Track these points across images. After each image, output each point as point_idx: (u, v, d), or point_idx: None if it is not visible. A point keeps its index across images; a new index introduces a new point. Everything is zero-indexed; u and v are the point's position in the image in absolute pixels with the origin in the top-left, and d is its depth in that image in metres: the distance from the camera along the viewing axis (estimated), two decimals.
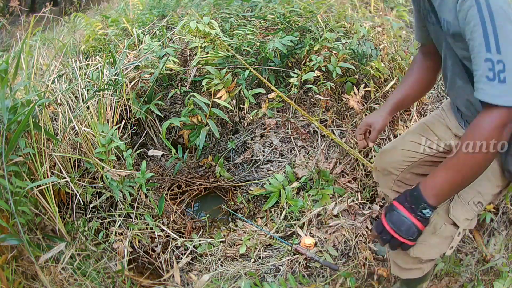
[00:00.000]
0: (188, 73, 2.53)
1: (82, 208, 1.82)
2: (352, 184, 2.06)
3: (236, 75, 2.38)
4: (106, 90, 2.06)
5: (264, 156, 2.28)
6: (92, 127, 1.79)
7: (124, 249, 1.69)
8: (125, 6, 3.66)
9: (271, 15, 2.59)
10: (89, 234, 1.71)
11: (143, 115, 2.27)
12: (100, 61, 2.46)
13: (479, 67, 0.86)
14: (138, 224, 1.82)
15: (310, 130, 2.31)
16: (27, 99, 1.60)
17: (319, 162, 2.13)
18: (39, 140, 1.62)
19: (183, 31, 2.68)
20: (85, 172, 1.86)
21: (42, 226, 1.65)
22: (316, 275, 1.64)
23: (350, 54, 2.27)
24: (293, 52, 2.44)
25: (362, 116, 2.29)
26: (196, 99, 2.14)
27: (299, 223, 1.85)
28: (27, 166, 1.59)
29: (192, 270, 1.73)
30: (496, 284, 1.40)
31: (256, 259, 1.74)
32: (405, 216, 0.95)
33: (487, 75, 0.84)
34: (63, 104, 1.94)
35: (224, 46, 2.38)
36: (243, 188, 2.25)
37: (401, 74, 2.41)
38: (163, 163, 2.37)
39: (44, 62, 2.49)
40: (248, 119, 2.28)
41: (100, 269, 1.59)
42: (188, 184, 2.31)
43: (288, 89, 2.34)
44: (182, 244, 1.82)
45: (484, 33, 0.83)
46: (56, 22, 4.16)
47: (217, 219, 2.19)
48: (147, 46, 2.51)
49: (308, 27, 2.46)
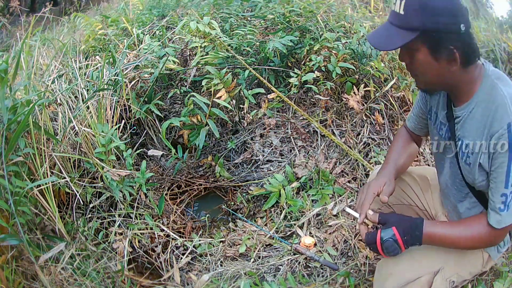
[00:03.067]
0: (188, 73, 2.53)
1: (82, 208, 1.82)
2: (352, 184, 2.06)
3: (236, 75, 2.38)
4: (106, 90, 2.06)
5: (264, 156, 2.28)
6: (92, 127, 1.79)
7: (124, 249, 1.69)
8: (125, 6, 3.66)
9: (271, 15, 2.59)
10: (89, 234, 1.71)
11: (143, 115, 2.27)
12: (100, 61, 2.46)
13: (495, 199, 0.98)
14: (138, 224, 1.82)
15: (310, 130, 2.31)
16: (27, 99, 1.60)
17: (319, 162, 2.13)
18: (39, 140, 1.62)
19: (183, 31, 2.68)
20: (85, 172, 1.86)
21: (42, 226, 1.65)
22: (316, 275, 1.64)
23: (350, 54, 2.27)
24: (293, 52, 2.44)
25: (362, 116, 2.29)
26: (196, 99, 2.14)
27: (298, 223, 1.85)
28: (27, 166, 1.59)
29: (192, 270, 1.73)
30: (496, 284, 1.39)
31: (256, 258, 1.74)
32: (399, 246, 1.06)
33: (500, 207, 0.97)
34: (63, 104, 1.94)
35: (224, 46, 2.38)
36: (243, 188, 2.25)
37: (401, 74, 2.41)
38: (163, 163, 2.37)
39: (44, 62, 2.49)
40: (248, 119, 2.28)
41: (100, 269, 1.59)
42: (188, 184, 2.31)
43: (288, 89, 2.34)
44: (182, 244, 1.82)
45: (507, 172, 0.94)
46: (56, 22, 4.16)
47: (217, 219, 2.19)
48: (147, 46, 2.52)
49: (308, 27, 2.46)
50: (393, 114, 2.40)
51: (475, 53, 0.98)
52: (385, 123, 2.33)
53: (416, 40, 0.94)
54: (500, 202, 0.97)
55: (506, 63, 3.04)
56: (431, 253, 1.18)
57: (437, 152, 1.24)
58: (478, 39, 3.25)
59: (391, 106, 2.37)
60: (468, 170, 1.07)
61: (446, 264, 1.14)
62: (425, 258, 1.17)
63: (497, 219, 0.99)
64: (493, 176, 0.98)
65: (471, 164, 1.04)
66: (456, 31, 0.92)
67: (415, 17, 0.92)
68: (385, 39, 0.99)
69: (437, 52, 0.96)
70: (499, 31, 3.56)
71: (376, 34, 1.02)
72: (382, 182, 1.23)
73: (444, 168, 1.21)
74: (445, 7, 0.91)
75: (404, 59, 1.03)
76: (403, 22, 0.95)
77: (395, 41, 0.96)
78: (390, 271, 1.17)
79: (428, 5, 0.91)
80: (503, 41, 3.13)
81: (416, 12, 0.92)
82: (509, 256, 1.56)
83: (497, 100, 0.95)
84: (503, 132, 0.92)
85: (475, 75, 1.02)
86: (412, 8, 0.92)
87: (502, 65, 3.01)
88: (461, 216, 1.21)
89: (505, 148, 0.92)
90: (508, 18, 5.49)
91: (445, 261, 1.15)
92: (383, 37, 1.00)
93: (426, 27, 0.92)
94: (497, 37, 3.18)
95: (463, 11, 0.93)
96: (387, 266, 1.20)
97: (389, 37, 0.98)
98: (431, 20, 0.91)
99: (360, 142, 2.24)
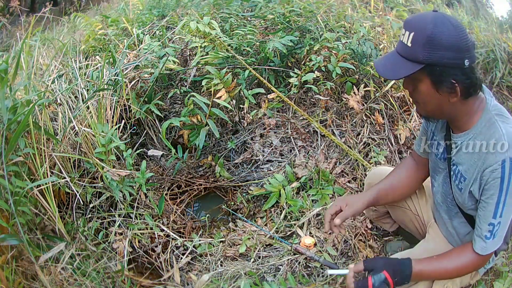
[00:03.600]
0: (188, 73, 2.53)
1: (82, 208, 1.82)
2: (352, 184, 2.06)
3: (236, 75, 2.37)
4: (106, 90, 2.06)
5: (264, 156, 2.28)
6: (92, 127, 1.79)
7: (124, 249, 1.69)
8: (125, 6, 3.66)
9: (271, 15, 2.59)
10: (89, 234, 1.71)
11: (143, 115, 2.27)
12: (100, 61, 2.46)
13: (483, 227, 1.04)
14: (138, 224, 1.82)
15: (310, 130, 2.31)
16: (27, 99, 1.60)
17: (319, 162, 2.13)
18: (39, 140, 1.62)
19: (183, 31, 2.68)
20: (85, 172, 1.86)
21: (42, 226, 1.64)
22: (316, 275, 1.64)
23: (350, 54, 2.27)
24: (293, 52, 2.44)
25: (362, 116, 2.29)
26: (196, 99, 2.14)
27: (298, 223, 1.85)
28: (27, 166, 1.59)
29: (192, 270, 1.73)
30: (496, 284, 1.39)
31: (256, 258, 1.74)
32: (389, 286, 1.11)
33: (486, 235, 1.04)
34: (63, 104, 1.94)
35: (224, 46, 2.38)
36: (243, 188, 2.25)
37: None
38: (163, 163, 2.37)
39: (44, 62, 2.49)
40: (248, 119, 2.27)
41: (100, 269, 1.59)
42: (188, 184, 2.31)
43: (288, 89, 2.34)
44: (182, 244, 1.82)
45: (497, 203, 0.99)
46: (56, 22, 4.16)
47: (217, 219, 2.19)
48: (147, 46, 2.51)
49: (308, 27, 2.46)
50: (393, 114, 2.40)
51: (476, 87, 1.01)
52: (385, 123, 2.33)
53: (420, 71, 0.97)
54: (487, 230, 1.03)
55: (506, 63, 3.04)
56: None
57: (431, 167, 1.29)
58: (478, 39, 3.25)
59: (391, 106, 2.37)
60: (459, 194, 1.12)
61: None
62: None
63: (482, 246, 1.05)
64: (482, 205, 1.04)
65: (462, 190, 1.10)
66: (460, 66, 0.96)
67: (421, 51, 0.95)
68: (391, 68, 1.02)
69: (439, 84, 0.99)
70: (499, 31, 3.56)
71: (383, 63, 1.05)
72: (344, 203, 1.29)
73: (437, 185, 1.26)
74: (451, 44, 0.93)
75: (408, 87, 1.07)
76: (410, 54, 0.98)
77: (401, 71, 1.00)
78: None
79: (434, 40, 0.93)
80: (503, 41, 3.13)
81: (422, 46, 0.94)
82: (509, 256, 1.56)
83: (495, 136, 1.00)
84: (496, 167, 0.97)
85: (475, 107, 1.05)
86: (419, 42, 0.95)
87: (502, 65, 3.01)
88: (449, 230, 1.27)
89: (497, 183, 0.98)
90: (508, 18, 5.50)
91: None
92: (389, 66, 1.03)
93: (431, 61, 0.95)
94: (497, 37, 3.18)
95: (470, 47, 0.95)
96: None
97: (395, 66, 1.01)
98: (436, 55, 0.94)
99: (360, 142, 2.24)
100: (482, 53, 3.07)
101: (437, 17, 0.95)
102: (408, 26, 0.98)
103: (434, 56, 0.94)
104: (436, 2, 4.31)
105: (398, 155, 2.27)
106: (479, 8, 5.80)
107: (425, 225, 1.44)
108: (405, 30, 0.98)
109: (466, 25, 3.84)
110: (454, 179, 1.14)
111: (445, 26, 0.93)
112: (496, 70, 3.01)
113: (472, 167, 1.05)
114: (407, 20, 1.01)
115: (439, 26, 0.93)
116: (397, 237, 1.80)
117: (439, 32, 0.92)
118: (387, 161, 2.20)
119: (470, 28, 3.66)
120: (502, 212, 1.00)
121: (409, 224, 1.52)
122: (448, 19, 0.94)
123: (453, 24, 0.94)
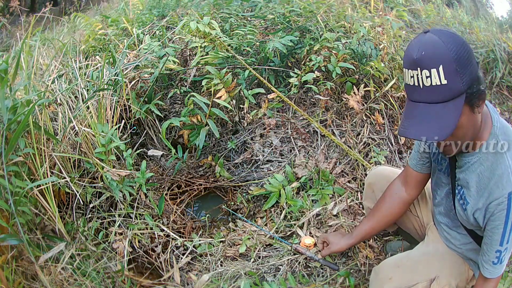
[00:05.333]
0: (188, 73, 2.53)
1: (82, 208, 1.82)
2: (352, 184, 2.06)
3: (236, 75, 2.38)
4: (106, 90, 2.06)
5: (264, 156, 2.28)
6: (92, 127, 1.79)
7: (124, 249, 1.69)
8: (125, 6, 3.66)
9: (271, 15, 2.59)
10: (89, 234, 1.71)
11: (143, 115, 2.27)
12: (100, 61, 2.46)
13: (490, 254, 1.04)
14: (138, 224, 1.82)
15: (310, 130, 2.31)
16: (27, 99, 1.60)
17: (319, 162, 2.13)
18: (39, 140, 1.62)
19: (183, 31, 2.68)
20: (85, 172, 1.86)
21: (42, 226, 1.65)
22: (316, 275, 1.64)
23: (350, 54, 2.27)
24: (293, 52, 2.44)
25: (362, 116, 2.29)
26: (196, 99, 2.14)
27: (298, 223, 1.85)
28: (27, 166, 1.59)
29: (192, 270, 1.73)
30: None
31: (256, 258, 1.74)
32: None
33: (493, 261, 1.04)
34: (63, 104, 1.94)
35: (224, 46, 2.38)
36: (243, 188, 2.25)
37: (401, 73, 2.41)
38: (163, 163, 2.37)
39: (44, 62, 2.49)
40: (248, 119, 2.27)
41: (100, 269, 1.59)
42: (188, 184, 2.31)
43: (288, 89, 2.34)
44: (182, 244, 1.82)
45: (503, 232, 0.99)
46: (56, 22, 4.16)
47: (217, 219, 2.19)
48: (147, 46, 2.51)
49: (308, 27, 2.46)
50: (393, 114, 2.40)
51: (485, 89, 0.90)
52: (385, 123, 2.33)
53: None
54: (494, 257, 1.04)
55: (506, 63, 3.04)
56: (428, 260, 1.23)
57: (433, 181, 1.27)
58: (478, 39, 3.26)
59: (391, 106, 2.37)
60: (462, 213, 1.11)
61: (441, 272, 1.18)
62: (422, 264, 1.22)
63: (491, 271, 1.07)
64: (488, 234, 1.04)
65: (465, 211, 1.09)
66: (477, 68, 0.85)
67: (459, 79, 0.81)
68: (435, 125, 0.84)
69: (474, 101, 0.86)
70: (499, 31, 3.57)
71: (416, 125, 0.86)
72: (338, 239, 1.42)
73: (439, 199, 1.25)
74: (467, 50, 0.83)
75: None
76: (448, 91, 0.82)
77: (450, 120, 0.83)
78: (390, 275, 1.21)
79: (461, 59, 0.81)
80: (503, 41, 3.13)
81: (457, 73, 0.81)
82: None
83: (501, 168, 0.97)
84: (503, 200, 0.96)
85: (482, 122, 0.97)
86: (452, 72, 0.80)
87: (502, 65, 3.01)
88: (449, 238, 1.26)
89: (503, 214, 0.97)
90: (508, 18, 5.51)
91: (440, 269, 1.19)
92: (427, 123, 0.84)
93: (469, 83, 0.83)
94: (497, 37, 3.19)
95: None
96: (387, 270, 1.23)
97: (437, 119, 0.83)
98: (468, 71, 0.82)
99: (360, 142, 2.24)
100: (482, 53, 3.08)
101: (441, 35, 0.82)
102: (424, 64, 0.81)
103: (468, 76, 0.82)
104: (436, 2, 4.31)
105: (398, 155, 2.27)
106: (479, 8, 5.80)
107: (424, 226, 1.44)
108: (421, 70, 0.82)
109: (466, 25, 3.84)
110: (458, 198, 1.11)
111: (452, 38, 0.83)
112: (496, 70, 3.01)
113: (477, 195, 1.03)
114: (415, 60, 0.82)
115: (451, 42, 0.81)
116: (397, 237, 1.80)
117: (455, 47, 0.81)
118: (387, 161, 2.20)
119: (470, 28, 3.67)
120: (508, 239, 1.00)
121: (408, 225, 1.52)
122: (444, 31, 0.84)
123: (449, 31, 0.85)
